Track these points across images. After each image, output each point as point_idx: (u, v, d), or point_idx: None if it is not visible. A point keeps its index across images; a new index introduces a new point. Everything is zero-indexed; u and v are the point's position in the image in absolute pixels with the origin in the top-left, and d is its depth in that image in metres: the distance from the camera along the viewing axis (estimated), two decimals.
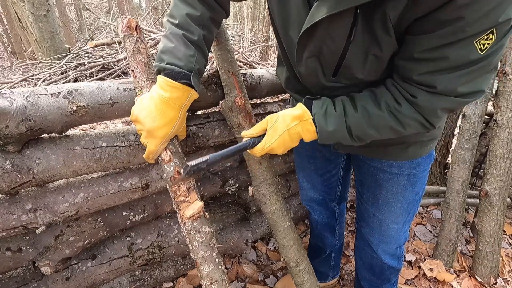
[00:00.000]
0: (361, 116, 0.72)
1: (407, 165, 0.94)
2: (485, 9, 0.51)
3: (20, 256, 1.00)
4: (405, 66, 0.65)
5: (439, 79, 0.61)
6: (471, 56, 0.56)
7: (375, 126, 0.72)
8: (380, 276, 1.19)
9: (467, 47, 0.55)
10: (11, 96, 0.76)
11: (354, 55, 0.66)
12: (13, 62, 5.64)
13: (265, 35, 6.72)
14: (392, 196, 1.00)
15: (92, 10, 12.62)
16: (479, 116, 1.63)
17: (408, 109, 0.67)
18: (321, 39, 0.67)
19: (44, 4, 4.04)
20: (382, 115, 0.70)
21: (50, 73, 2.74)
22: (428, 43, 0.58)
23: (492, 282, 1.62)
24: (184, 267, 1.44)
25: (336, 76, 0.75)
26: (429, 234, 1.99)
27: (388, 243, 1.10)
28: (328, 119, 0.75)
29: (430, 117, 0.67)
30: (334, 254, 1.45)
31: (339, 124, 0.74)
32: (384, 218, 1.04)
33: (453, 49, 0.56)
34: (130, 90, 0.95)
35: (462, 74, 0.59)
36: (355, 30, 0.61)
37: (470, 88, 0.61)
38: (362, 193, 1.09)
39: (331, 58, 0.71)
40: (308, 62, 0.75)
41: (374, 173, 1.00)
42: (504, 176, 1.54)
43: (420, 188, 1.01)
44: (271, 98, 2.00)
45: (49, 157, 0.87)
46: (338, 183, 1.25)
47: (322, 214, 1.33)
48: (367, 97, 0.73)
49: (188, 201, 0.83)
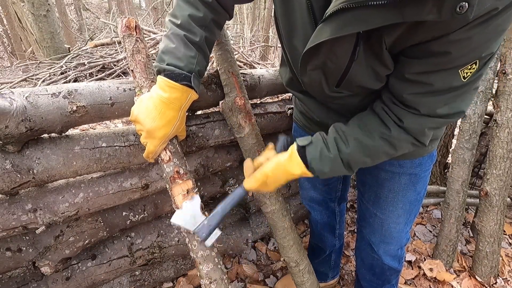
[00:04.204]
0: (355, 149, 0.74)
1: (409, 164, 0.94)
2: (472, 46, 0.55)
3: (20, 256, 1.00)
4: (397, 85, 0.68)
5: (422, 102, 0.65)
6: (454, 83, 0.60)
7: (369, 155, 0.75)
8: (380, 277, 1.19)
9: (451, 75, 0.60)
10: (11, 96, 0.76)
11: (358, 70, 0.68)
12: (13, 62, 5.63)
13: (265, 35, 6.72)
14: (393, 196, 0.99)
15: (92, 10, 12.62)
16: (479, 116, 1.63)
17: (397, 132, 0.70)
18: (326, 56, 0.68)
19: (44, 4, 4.04)
20: (375, 144, 0.73)
21: (50, 73, 2.74)
22: (417, 67, 0.62)
23: (492, 282, 1.62)
24: (184, 267, 1.44)
25: (339, 87, 0.76)
26: (429, 234, 1.99)
27: (389, 243, 1.09)
28: (324, 164, 0.76)
29: (419, 137, 0.71)
30: (334, 255, 1.45)
31: (335, 165, 0.76)
32: (386, 218, 1.04)
33: (438, 76, 0.60)
34: (130, 90, 0.95)
35: (443, 98, 0.63)
36: (358, 49, 0.63)
37: (450, 110, 0.65)
38: (363, 192, 1.09)
39: (335, 71, 0.71)
40: (312, 73, 0.76)
41: (375, 173, 1.00)
42: (504, 176, 1.54)
43: (422, 188, 1.00)
44: (271, 98, 1.99)
45: (49, 157, 0.87)
46: (338, 182, 1.25)
47: (322, 214, 1.33)
48: (357, 129, 0.75)
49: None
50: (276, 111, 1.34)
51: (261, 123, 1.28)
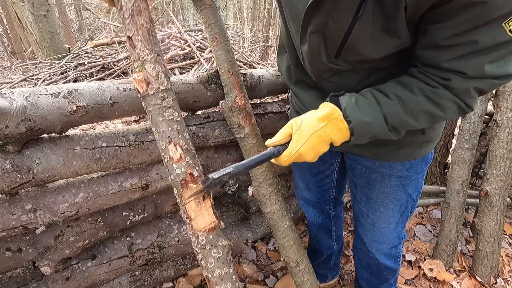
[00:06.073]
0: (396, 103, 0.66)
1: (400, 166, 0.93)
2: None
3: (20, 256, 1.00)
4: (430, 55, 0.63)
5: (468, 64, 0.59)
6: (499, 39, 0.55)
7: (411, 112, 0.67)
8: (377, 276, 1.19)
9: (495, 30, 0.54)
10: (11, 96, 0.76)
11: (360, 33, 0.64)
12: (13, 62, 5.63)
13: (265, 35, 6.72)
14: (384, 197, 0.99)
15: (92, 10, 12.62)
16: (479, 116, 1.63)
17: (443, 92, 0.64)
18: (328, 13, 0.64)
19: (44, 4, 4.04)
20: (418, 100, 0.66)
21: (50, 73, 2.74)
22: (450, 30, 0.57)
23: (492, 282, 1.62)
24: (184, 267, 1.44)
25: (338, 58, 0.72)
26: (429, 234, 1.99)
27: (381, 243, 1.09)
28: (362, 110, 0.68)
29: (466, 98, 0.65)
30: (333, 257, 1.44)
31: (375, 113, 0.67)
32: (377, 218, 1.04)
33: (481, 32, 0.55)
34: (130, 90, 0.95)
35: (490, 57, 0.57)
36: (365, 5, 0.59)
37: (500, 70, 0.59)
38: (355, 193, 1.08)
39: (336, 34, 0.68)
40: (312, 38, 0.72)
41: (366, 174, 0.99)
42: (504, 176, 1.54)
43: (414, 191, 0.99)
44: (271, 98, 1.99)
45: (49, 157, 0.87)
46: (332, 185, 1.23)
47: (316, 216, 1.32)
48: (396, 85, 0.68)
49: (200, 208, 0.71)
50: (276, 111, 1.35)
51: (261, 123, 1.28)
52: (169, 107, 0.72)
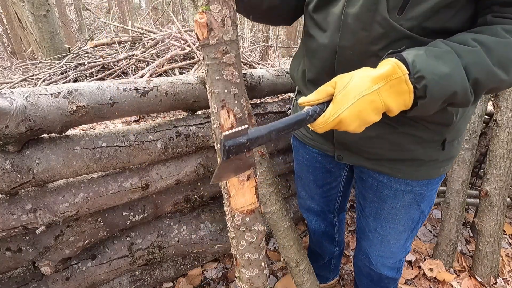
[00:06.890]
0: (479, 50, 0.53)
1: (415, 183, 0.86)
2: None
3: (20, 256, 1.00)
4: None
5: None
6: None
7: (500, 61, 0.53)
8: (378, 284, 1.16)
9: None
10: (11, 96, 0.76)
11: None
12: (13, 62, 5.64)
13: (265, 35, 6.72)
14: (395, 213, 0.92)
15: (92, 10, 12.62)
16: (479, 116, 1.63)
17: None
18: None
19: (44, 4, 4.04)
20: (508, 43, 0.53)
21: (50, 73, 2.74)
22: None
23: (492, 282, 1.62)
24: (184, 267, 1.44)
25: (403, 12, 0.58)
26: (429, 234, 1.99)
27: (388, 258, 1.04)
28: (439, 59, 0.53)
29: None
30: (334, 260, 1.42)
31: (454, 62, 0.53)
32: (386, 234, 0.98)
33: None
34: (130, 90, 0.95)
35: None
36: None
37: None
38: (363, 207, 1.01)
39: None
40: None
41: (378, 188, 0.92)
42: (504, 176, 1.54)
43: (427, 207, 0.93)
44: (271, 98, 2.00)
45: (49, 157, 0.87)
46: (338, 195, 1.18)
47: (319, 224, 1.27)
48: (472, 34, 0.56)
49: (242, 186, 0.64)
50: (276, 111, 1.35)
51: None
52: (230, 64, 0.60)
